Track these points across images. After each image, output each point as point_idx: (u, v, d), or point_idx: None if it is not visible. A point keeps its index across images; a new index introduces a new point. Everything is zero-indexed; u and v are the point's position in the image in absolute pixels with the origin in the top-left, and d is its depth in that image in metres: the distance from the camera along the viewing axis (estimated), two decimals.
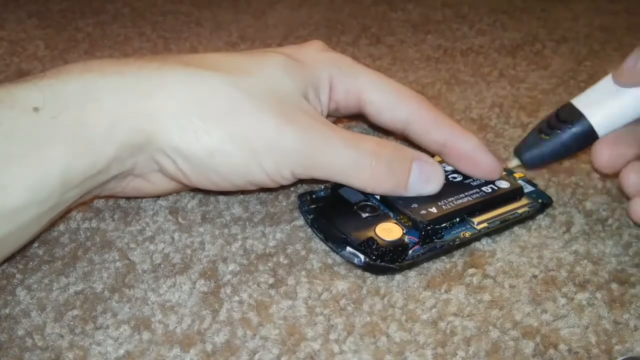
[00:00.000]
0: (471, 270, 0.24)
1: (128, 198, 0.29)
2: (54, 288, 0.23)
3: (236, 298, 0.23)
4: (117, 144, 0.22)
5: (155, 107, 0.23)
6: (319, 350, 0.21)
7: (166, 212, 0.28)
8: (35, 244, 0.26)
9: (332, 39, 0.51)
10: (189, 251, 0.25)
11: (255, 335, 0.21)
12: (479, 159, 0.27)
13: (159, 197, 0.29)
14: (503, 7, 0.65)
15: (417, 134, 0.28)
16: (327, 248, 0.26)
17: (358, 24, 0.55)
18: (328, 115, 0.29)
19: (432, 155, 0.28)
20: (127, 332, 0.21)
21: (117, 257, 0.25)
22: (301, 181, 0.29)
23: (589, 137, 0.26)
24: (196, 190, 0.29)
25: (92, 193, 0.24)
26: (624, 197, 0.29)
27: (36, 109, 0.21)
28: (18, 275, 0.24)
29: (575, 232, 0.27)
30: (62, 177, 0.21)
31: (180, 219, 0.27)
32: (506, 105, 0.39)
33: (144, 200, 0.28)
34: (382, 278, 0.24)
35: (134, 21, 0.56)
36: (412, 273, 0.24)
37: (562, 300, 0.23)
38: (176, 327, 0.22)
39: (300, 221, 0.27)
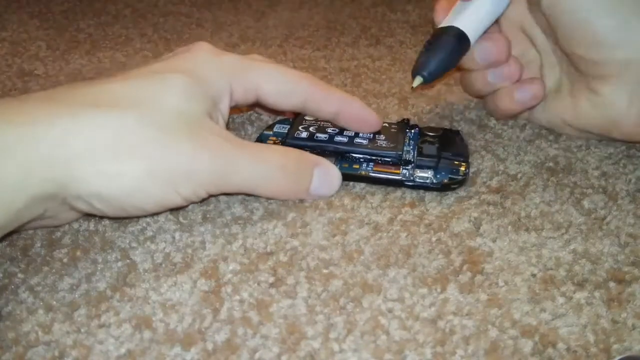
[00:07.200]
0: (469, 269, 0.25)
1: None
2: (58, 288, 0.24)
3: (237, 297, 0.23)
4: (28, 195, 0.22)
5: (68, 154, 0.23)
6: (319, 349, 0.21)
7: (167, 211, 0.28)
8: (38, 244, 0.26)
9: (332, 39, 0.51)
10: (189, 250, 0.26)
11: (255, 334, 0.22)
12: (366, 117, 0.32)
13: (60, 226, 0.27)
14: None
15: (313, 109, 0.31)
16: (326, 245, 0.26)
17: (358, 25, 0.55)
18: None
19: None
20: (128, 330, 0.22)
21: (118, 257, 0.25)
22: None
23: (462, 39, 0.31)
24: None
25: None
26: (619, 194, 0.29)
27: None
28: (20, 275, 0.24)
29: (573, 232, 0.27)
30: None
31: (181, 219, 0.28)
32: None
33: None
34: (381, 277, 0.24)
35: (135, 22, 0.56)
36: (410, 272, 0.24)
37: (561, 299, 0.23)
38: (177, 325, 0.22)
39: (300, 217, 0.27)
